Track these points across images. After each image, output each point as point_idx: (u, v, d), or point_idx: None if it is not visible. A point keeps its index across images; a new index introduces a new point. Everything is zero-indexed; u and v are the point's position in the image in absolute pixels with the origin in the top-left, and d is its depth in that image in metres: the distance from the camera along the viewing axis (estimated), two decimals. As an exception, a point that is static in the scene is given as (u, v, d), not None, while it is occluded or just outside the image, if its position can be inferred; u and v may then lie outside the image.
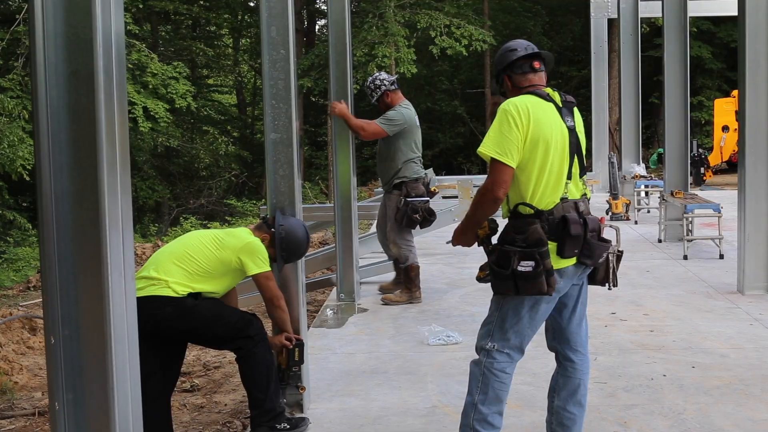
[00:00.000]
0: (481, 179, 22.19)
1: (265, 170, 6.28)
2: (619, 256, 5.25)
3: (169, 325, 5.55)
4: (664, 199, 13.86)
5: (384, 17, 28.57)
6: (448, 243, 5.35)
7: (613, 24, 25.35)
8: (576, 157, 5.03)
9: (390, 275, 10.80)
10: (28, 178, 20.44)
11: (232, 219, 26.59)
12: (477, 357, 5.07)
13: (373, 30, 28.43)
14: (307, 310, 6.74)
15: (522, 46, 5.15)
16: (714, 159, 28.16)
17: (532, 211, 4.81)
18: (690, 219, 12.70)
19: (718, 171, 28.44)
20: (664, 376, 6.87)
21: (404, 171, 9.81)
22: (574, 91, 37.31)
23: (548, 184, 4.85)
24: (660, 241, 13.65)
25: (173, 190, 32.34)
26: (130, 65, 24.83)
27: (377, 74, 10.05)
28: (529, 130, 4.78)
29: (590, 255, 4.92)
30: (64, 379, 3.22)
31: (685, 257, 12.03)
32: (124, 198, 3.26)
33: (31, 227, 23.09)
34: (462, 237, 5.13)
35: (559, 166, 4.89)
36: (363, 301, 9.89)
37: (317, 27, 41.81)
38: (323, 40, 36.57)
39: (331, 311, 9.55)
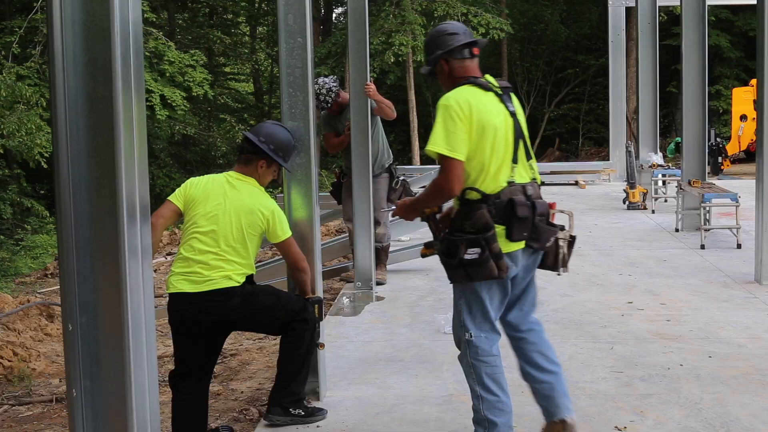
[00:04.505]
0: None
1: (281, 158, 6.28)
2: (571, 241, 5.26)
3: (237, 314, 5.61)
4: (681, 189, 13.81)
5: (401, 5, 28.49)
6: (385, 210, 5.48)
7: (630, 12, 25.23)
8: (521, 141, 5.05)
9: (405, 264, 10.91)
10: (45, 166, 20.48)
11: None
12: (460, 352, 5.15)
13: (390, 18, 28.36)
14: (324, 299, 6.74)
15: (461, 30, 5.19)
16: (732, 148, 28.08)
17: (479, 196, 4.87)
18: (707, 208, 12.66)
19: (735, 160, 28.34)
20: (681, 365, 6.86)
21: (388, 154, 10.44)
22: (591, 80, 37.35)
23: (494, 169, 4.90)
24: (677, 230, 13.61)
25: (190, 178, 32.37)
26: (147, 53, 24.86)
27: (319, 80, 10.07)
28: (472, 121, 4.84)
29: (537, 239, 4.96)
30: (81, 366, 3.23)
31: (703, 247, 11.99)
32: (141, 186, 3.27)
33: (48, 215, 23.17)
34: (408, 214, 5.30)
35: (503, 151, 4.94)
36: (379, 289, 9.89)
37: (334, 15, 41.80)
38: (340, 28, 36.52)
39: (347, 299, 9.56)
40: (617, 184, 20.84)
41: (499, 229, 4.83)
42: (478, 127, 4.85)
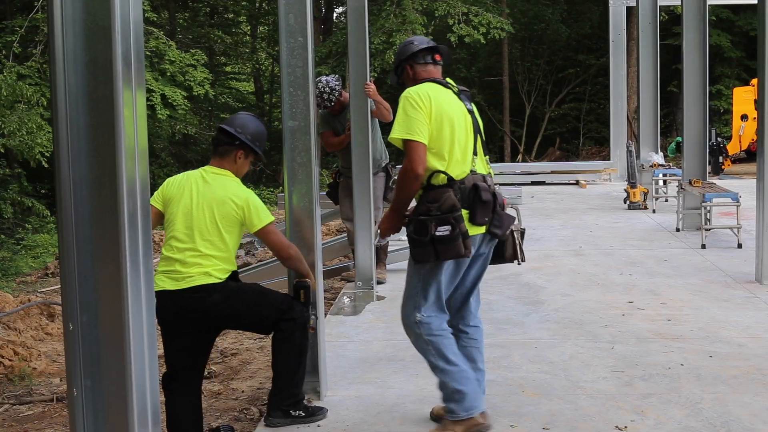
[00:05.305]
0: (498, 167, 22.03)
1: (282, 158, 6.29)
2: (522, 233, 5.58)
3: (219, 311, 5.59)
4: (682, 188, 13.81)
5: (402, 5, 28.49)
6: (377, 242, 5.73)
7: (631, 12, 25.24)
8: (478, 136, 5.43)
9: (406, 263, 10.91)
10: (46, 165, 20.48)
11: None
12: (412, 334, 5.43)
13: (391, 18, 28.35)
14: (324, 298, 6.74)
15: (425, 41, 5.63)
16: (733, 148, 28.04)
17: (446, 180, 5.17)
18: (708, 208, 12.66)
19: (736, 160, 28.30)
20: (682, 365, 6.86)
21: (385, 154, 10.56)
22: (592, 80, 37.28)
23: (458, 156, 5.25)
24: (678, 230, 13.61)
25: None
26: (148, 53, 24.85)
27: (323, 78, 10.07)
28: (431, 110, 5.20)
29: (500, 225, 5.30)
30: (82, 366, 3.23)
31: (703, 246, 11.99)
32: (142, 185, 3.27)
33: (49, 214, 23.15)
34: (392, 224, 5.51)
35: (465, 141, 5.30)
36: (380, 288, 9.88)
37: (335, 14, 41.78)
38: (341, 27, 36.53)
39: (348, 299, 9.56)
40: (618, 184, 20.84)
41: (463, 213, 5.14)
42: (437, 116, 5.20)
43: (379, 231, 5.73)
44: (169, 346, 5.71)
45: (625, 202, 16.81)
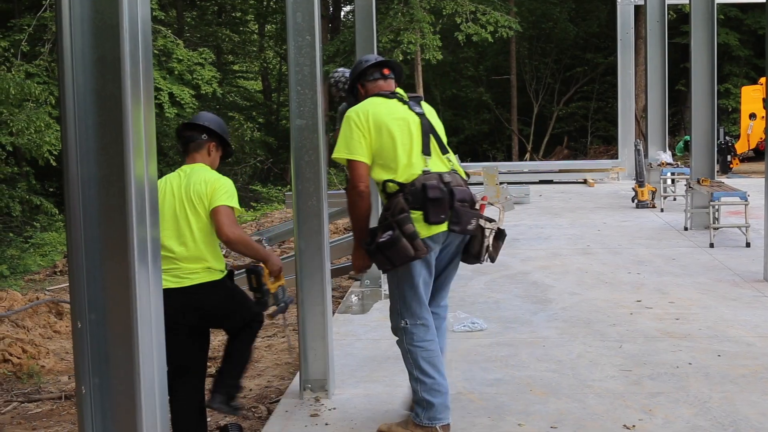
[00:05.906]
0: (506, 165, 22.06)
1: (290, 156, 6.30)
2: (498, 233, 5.55)
3: (219, 308, 5.70)
4: (690, 187, 13.79)
5: (409, 3, 28.49)
6: (351, 276, 5.75)
7: (639, 11, 25.20)
8: (432, 136, 5.46)
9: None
10: (54, 164, 20.51)
11: (257, 205, 26.63)
12: (396, 338, 5.56)
13: (399, 16, 28.36)
14: (332, 296, 6.73)
15: (372, 57, 5.79)
16: (741, 146, 28.02)
17: (397, 187, 5.25)
18: (716, 207, 12.63)
19: (744, 159, 28.27)
20: (690, 364, 6.85)
21: None
22: (600, 78, 37.20)
23: (405, 160, 5.31)
24: (686, 228, 13.59)
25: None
26: (156, 51, 24.89)
27: (339, 69, 10.05)
28: (370, 125, 5.33)
29: (458, 221, 5.27)
30: (90, 364, 3.23)
31: (711, 245, 11.97)
32: (150, 184, 3.27)
33: (57, 212, 23.18)
34: (363, 256, 5.51)
35: (410, 145, 5.35)
36: (387, 287, 9.86)
37: (342, 13, 41.79)
38: (348, 26, 36.53)
39: (356, 297, 9.56)
40: (626, 183, 20.82)
41: (417, 215, 5.18)
42: (376, 129, 5.32)
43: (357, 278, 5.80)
44: (172, 344, 5.72)
45: (633, 201, 16.80)
